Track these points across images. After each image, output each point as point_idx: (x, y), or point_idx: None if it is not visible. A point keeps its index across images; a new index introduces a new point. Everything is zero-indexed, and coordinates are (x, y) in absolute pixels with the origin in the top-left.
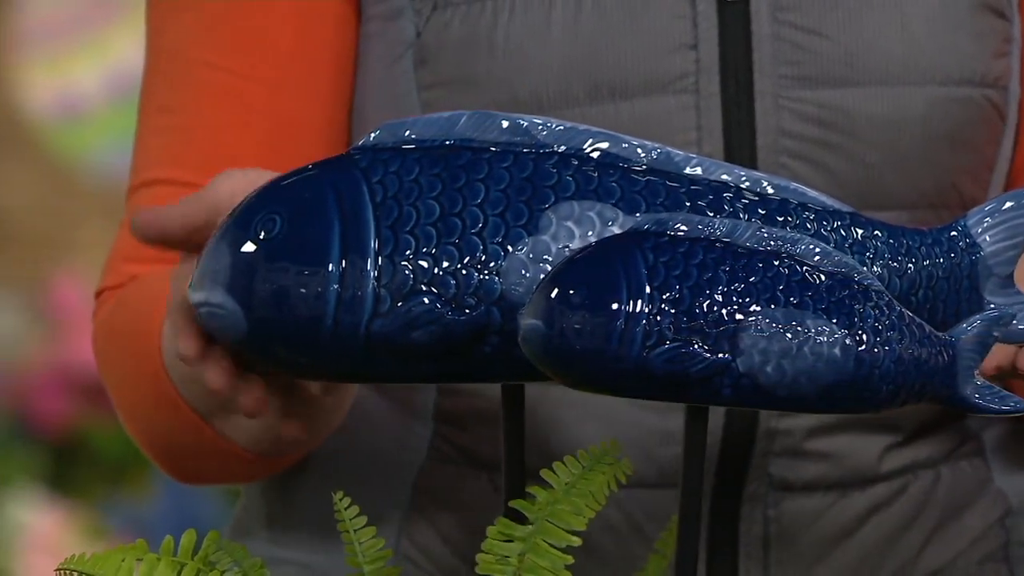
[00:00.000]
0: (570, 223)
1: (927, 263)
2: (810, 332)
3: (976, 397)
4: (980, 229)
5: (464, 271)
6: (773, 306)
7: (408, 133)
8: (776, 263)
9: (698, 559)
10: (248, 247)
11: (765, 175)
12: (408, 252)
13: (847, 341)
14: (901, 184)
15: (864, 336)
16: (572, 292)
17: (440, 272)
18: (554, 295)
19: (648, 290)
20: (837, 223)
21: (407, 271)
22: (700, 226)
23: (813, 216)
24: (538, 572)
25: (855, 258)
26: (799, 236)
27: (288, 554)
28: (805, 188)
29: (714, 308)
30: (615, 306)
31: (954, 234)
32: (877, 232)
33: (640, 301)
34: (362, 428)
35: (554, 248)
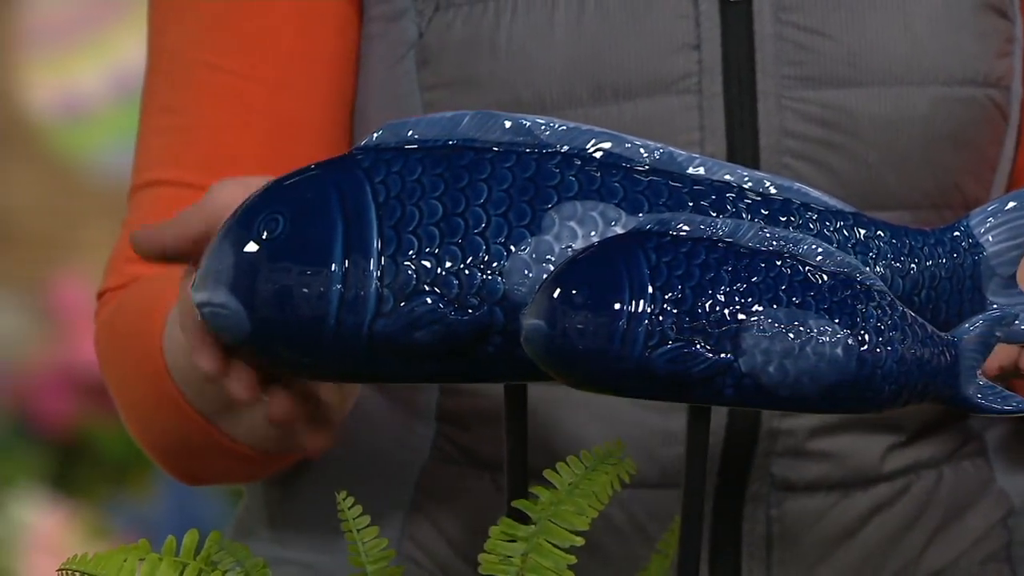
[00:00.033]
0: (573, 223)
1: (930, 263)
2: (812, 332)
3: (978, 397)
4: (983, 229)
5: (467, 271)
6: (775, 306)
7: (411, 133)
8: (778, 263)
9: (700, 559)
10: (251, 247)
11: (768, 175)
12: (411, 252)
13: (849, 341)
14: (904, 184)
15: (866, 336)
16: (575, 292)
17: (443, 272)
18: (557, 295)
19: (650, 290)
20: (840, 223)
21: (410, 271)
22: (703, 226)
23: (816, 216)
24: (541, 572)
25: (858, 258)
26: (802, 236)
27: (290, 554)
28: (808, 188)
29: (716, 308)
30: (617, 306)
31: (957, 234)
32: (880, 232)
33: (642, 301)
34: (364, 428)
35: (557, 248)
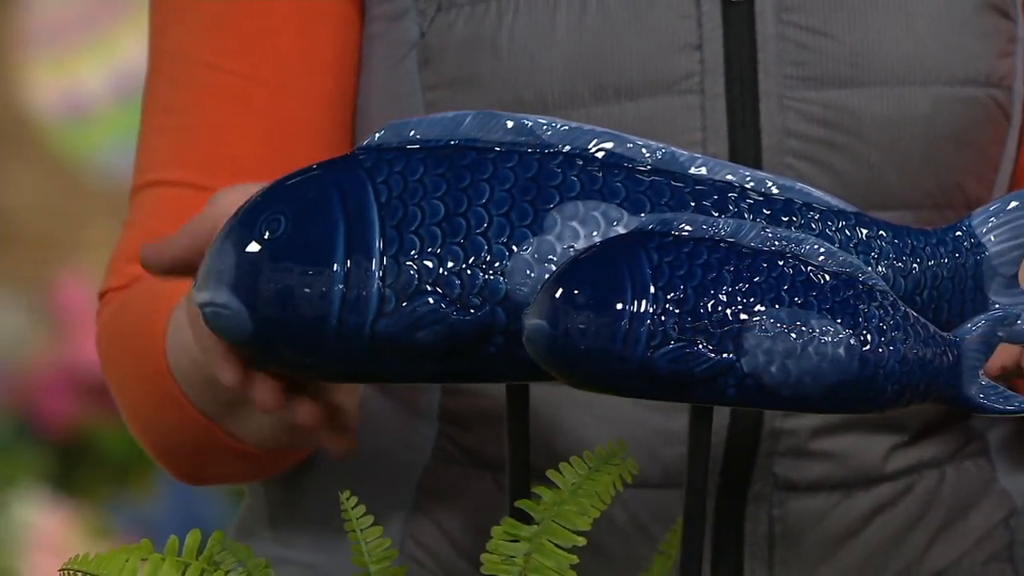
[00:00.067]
0: (575, 223)
1: (932, 263)
2: (814, 332)
3: (981, 397)
4: (985, 229)
5: (469, 271)
6: (777, 306)
7: (412, 133)
8: (780, 263)
9: (703, 559)
10: (253, 247)
11: (770, 175)
12: (413, 252)
13: (852, 341)
14: (906, 184)
15: (869, 336)
16: (576, 292)
17: (445, 272)
18: (558, 295)
19: (652, 290)
20: (842, 223)
21: (412, 271)
22: (704, 226)
23: (818, 216)
24: (543, 572)
25: (860, 258)
26: (804, 236)
27: (292, 554)
28: (810, 188)
29: (718, 308)
30: (619, 306)
31: (959, 234)
32: (882, 232)
33: (644, 301)
34: (366, 428)
35: (559, 248)
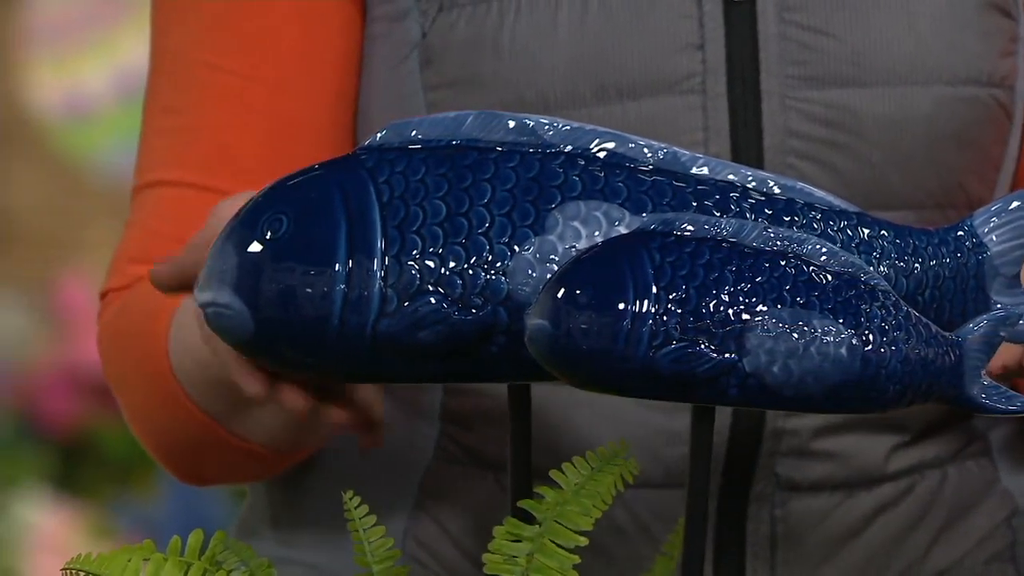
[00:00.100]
0: (576, 223)
1: (933, 263)
2: (816, 332)
3: (983, 397)
4: (986, 229)
5: (471, 271)
6: (780, 306)
7: (414, 133)
8: (783, 263)
9: (705, 559)
10: (255, 247)
11: (771, 175)
12: (415, 252)
13: (854, 341)
14: (907, 184)
15: (871, 336)
16: (578, 292)
17: (447, 272)
18: (560, 295)
19: (654, 290)
20: (844, 223)
21: (414, 271)
22: (706, 226)
23: (820, 216)
24: (546, 572)
25: (862, 258)
26: (805, 236)
27: (294, 554)
28: (812, 188)
29: (720, 308)
30: (621, 306)
31: (960, 234)
32: (883, 232)
33: (646, 301)
34: None
35: (560, 248)
